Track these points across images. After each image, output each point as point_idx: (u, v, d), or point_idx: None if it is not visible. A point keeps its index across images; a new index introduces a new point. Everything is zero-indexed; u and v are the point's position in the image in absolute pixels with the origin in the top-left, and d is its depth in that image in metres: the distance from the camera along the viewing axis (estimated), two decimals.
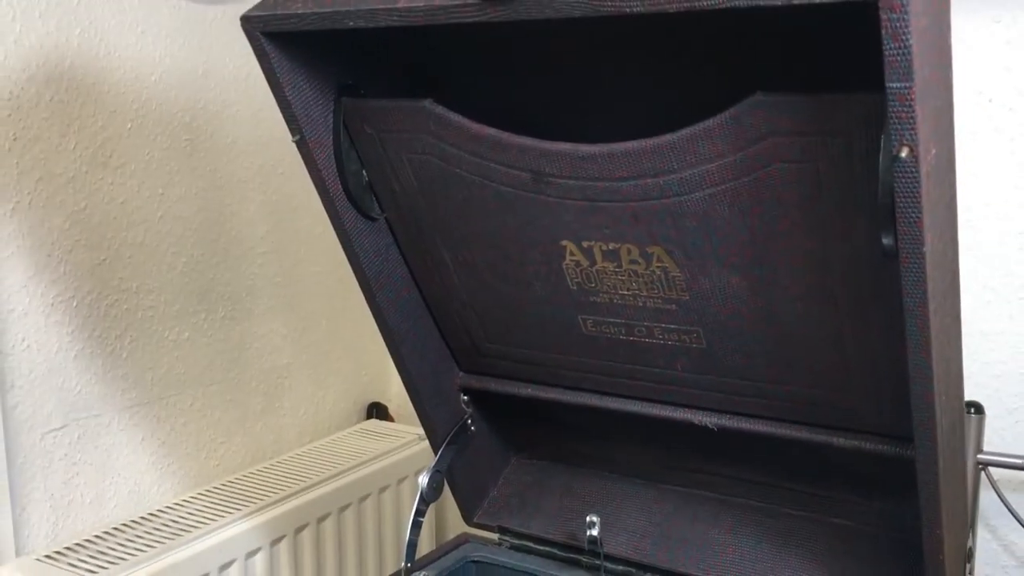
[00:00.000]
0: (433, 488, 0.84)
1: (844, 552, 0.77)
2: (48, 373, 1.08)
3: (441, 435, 0.86)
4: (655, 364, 0.75)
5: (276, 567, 1.19)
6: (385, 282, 0.80)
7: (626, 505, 0.87)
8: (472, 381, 0.87)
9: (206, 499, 1.21)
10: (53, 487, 1.10)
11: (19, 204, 1.04)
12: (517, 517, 0.89)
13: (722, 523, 0.83)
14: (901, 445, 0.68)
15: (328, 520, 1.26)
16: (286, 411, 1.39)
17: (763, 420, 0.74)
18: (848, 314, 0.64)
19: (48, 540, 1.10)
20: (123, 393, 1.16)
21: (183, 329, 1.23)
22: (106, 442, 1.15)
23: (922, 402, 0.59)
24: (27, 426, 1.07)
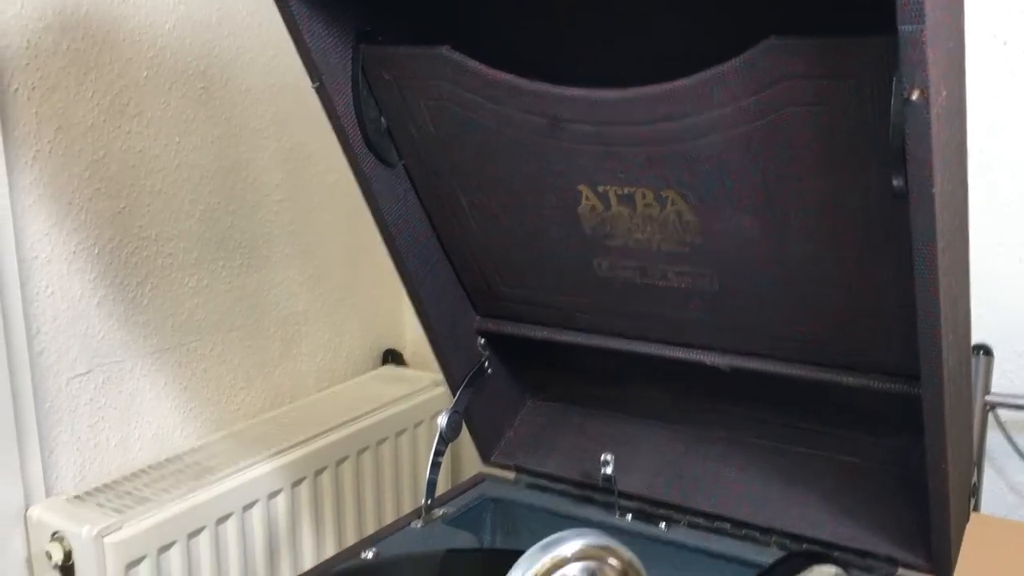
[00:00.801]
0: (452, 428, 0.86)
1: (852, 488, 0.79)
2: (72, 320, 1.10)
3: (459, 377, 0.88)
4: (668, 306, 0.77)
5: (297, 507, 1.23)
6: (403, 227, 0.81)
7: (639, 445, 0.89)
8: (489, 324, 0.89)
9: (228, 442, 1.24)
10: (80, 431, 1.13)
11: (39, 153, 1.05)
12: (533, 457, 0.92)
13: (733, 461, 0.85)
14: (908, 383, 0.70)
15: (346, 463, 1.29)
16: (303, 357, 1.42)
17: (774, 360, 0.76)
18: (858, 255, 0.65)
19: (76, 481, 1.13)
20: (145, 339, 1.19)
21: (202, 276, 1.25)
22: (130, 387, 1.18)
23: (929, 339, 0.61)
24: (53, 371, 1.09)
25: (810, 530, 0.78)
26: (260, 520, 1.18)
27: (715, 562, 0.79)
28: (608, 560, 0.54)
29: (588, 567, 0.54)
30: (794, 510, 0.80)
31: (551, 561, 0.53)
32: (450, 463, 1.45)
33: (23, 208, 1.04)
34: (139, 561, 1.05)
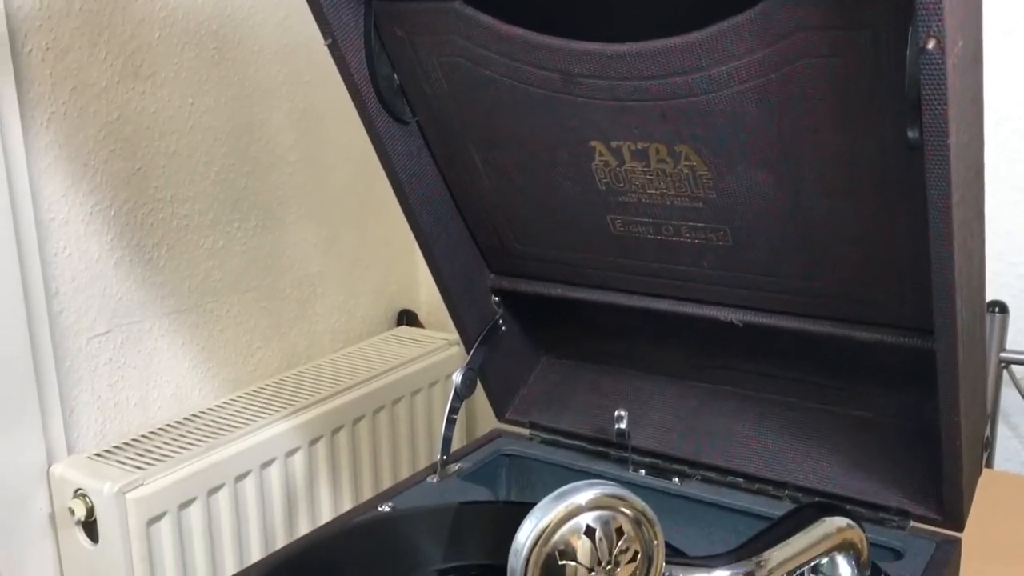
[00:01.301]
0: (466, 385, 0.87)
1: (865, 443, 0.80)
2: (90, 280, 1.11)
3: (473, 335, 0.89)
4: (682, 262, 0.77)
5: (314, 465, 1.24)
6: (417, 184, 0.81)
7: (653, 401, 0.90)
8: (502, 282, 0.89)
9: (246, 401, 1.26)
10: (100, 390, 1.14)
11: (54, 114, 1.05)
12: (547, 413, 0.93)
13: (746, 417, 0.85)
14: (922, 337, 0.70)
15: (363, 422, 1.31)
16: (319, 318, 1.43)
17: (787, 316, 0.76)
18: (873, 209, 0.65)
19: (97, 440, 1.15)
20: (162, 300, 1.20)
21: (217, 238, 1.26)
22: (148, 347, 1.19)
23: (943, 293, 0.61)
24: (72, 331, 1.10)
25: (822, 484, 0.78)
26: (278, 477, 1.20)
27: (728, 515, 0.80)
28: (621, 509, 0.55)
29: (601, 516, 0.54)
30: (807, 464, 0.80)
31: (565, 510, 0.54)
32: (465, 421, 1.46)
33: (40, 170, 1.05)
34: (160, 517, 1.07)
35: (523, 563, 0.53)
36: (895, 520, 0.76)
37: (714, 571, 0.60)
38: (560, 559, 0.54)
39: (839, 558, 0.67)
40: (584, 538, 0.54)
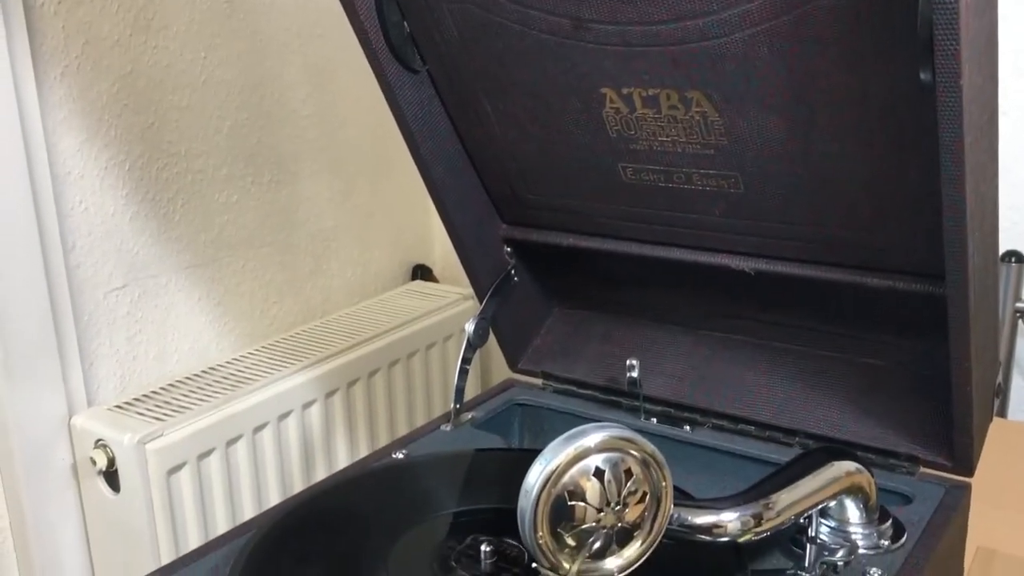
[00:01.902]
0: (479, 335, 0.87)
1: (875, 390, 0.80)
2: (106, 234, 1.12)
3: (485, 285, 0.89)
4: (693, 210, 0.77)
5: (331, 417, 1.26)
6: (428, 134, 0.81)
7: (664, 350, 0.90)
8: (515, 232, 0.89)
9: (262, 355, 1.27)
10: (118, 343, 1.16)
11: (67, 68, 1.06)
12: (560, 363, 0.93)
13: (757, 365, 0.86)
14: (934, 283, 0.69)
15: (378, 375, 1.32)
16: (334, 273, 1.44)
17: (799, 263, 0.76)
18: (885, 153, 0.65)
19: (117, 392, 1.16)
20: (178, 254, 1.21)
21: (232, 192, 1.26)
22: (165, 301, 1.20)
23: (954, 236, 0.60)
24: (90, 285, 1.12)
25: (833, 431, 0.79)
26: (295, 429, 1.21)
27: (738, 462, 0.81)
28: (630, 451, 0.55)
29: (610, 458, 0.55)
30: (817, 412, 0.81)
31: (574, 451, 0.54)
32: (480, 374, 1.47)
33: (54, 124, 1.05)
34: (180, 467, 1.08)
35: (533, 504, 0.54)
36: (905, 466, 0.76)
37: (722, 513, 0.61)
38: (569, 500, 0.55)
39: (847, 501, 0.67)
40: (593, 480, 0.55)
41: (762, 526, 0.61)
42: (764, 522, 0.61)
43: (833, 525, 0.68)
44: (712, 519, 0.61)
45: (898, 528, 0.68)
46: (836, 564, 0.64)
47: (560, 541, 0.55)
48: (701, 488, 0.69)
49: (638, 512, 0.56)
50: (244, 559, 0.63)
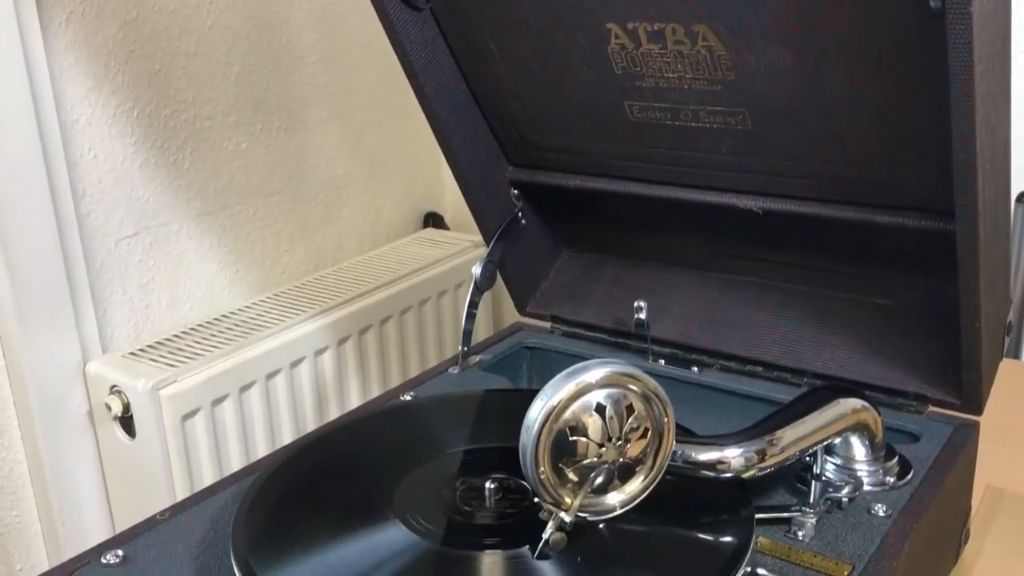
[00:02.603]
0: (486, 278, 0.87)
1: (885, 330, 0.79)
2: (116, 182, 1.12)
3: (492, 228, 0.89)
4: (701, 149, 0.76)
5: (343, 364, 1.26)
6: (432, 73, 0.80)
7: (672, 292, 0.90)
8: (521, 175, 0.89)
9: (274, 302, 1.27)
10: (131, 291, 1.16)
11: (72, 14, 1.05)
12: (568, 306, 0.93)
13: (766, 306, 0.85)
14: (944, 220, 0.69)
15: (390, 322, 1.32)
16: (345, 221, 1.43)
17: (807, 201, 0.75)
18: (894, 85, 0.64)
19: (130, 340, 1.17)
20: (188, 202, 1.21)
21: (241, 140, 1.26)
22: (176, 249, 1.21)
23: (964, 169, 0.59)
24: (101, 233, 1.12)
25: (841, 370, 0.78)
26: (308, 375, 1.22)
27: (746, 403, 0.81)
28: (632, 387, 0.55)
29: (612, 394, 0.55)
30: (825, 352, 0.80)
31: (576, 387, 0.54)
32: (492, 320, 1.47)
33: (60, 71, 1.05)
34: (194, 413, 1.09)
35: (534, 439, 0.54)
36: (913, 405, 0.76)
37: (726, 449, 0.61)
38: (571, 435, 0.55)
39: (853, 439, 0.67)
40: (595, 415, 0.55)
41: (766, 462, 0.61)
42: (768, 458, 0.61)
43: (839, 463, 0.68)
44: (716, 455, 0.61)
45: (904, 466, 0.68)
46: (841, 500, 0.64)
47: (562, 476, 0.55)
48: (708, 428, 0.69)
49: (640, 448, 0.56)
50: (252, 496, 0.63)
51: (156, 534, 0.64)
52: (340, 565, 0.57)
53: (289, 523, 0.61)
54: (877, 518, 0.63)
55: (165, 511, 0.67)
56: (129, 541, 0.64)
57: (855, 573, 0.58)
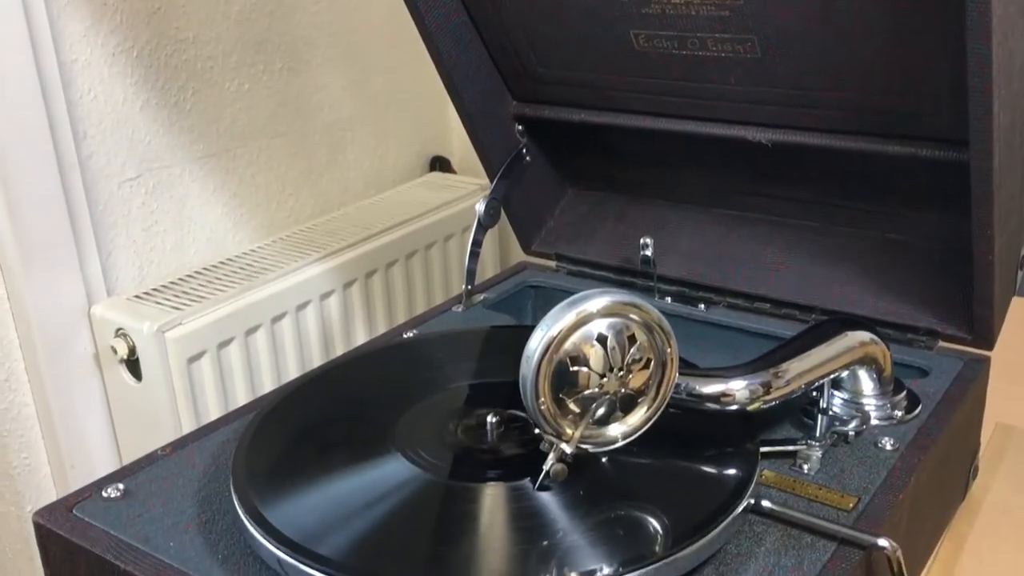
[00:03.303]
0: (489, 215, 0.86)
1: (895, 265, 0.78)
2: (117, 123, 1.11)
3: (496, 165, 0.87)
4: (709, 79, 0.74)
5: (349, 307, 1.26)
6: (433, 4, 0.78)
7: (680, 230, 0.88)
8: (525, 110, 0.87)
9: (280, 246, 1.26)
10: (135, 234, 1.16)
11: None
12: (573, 244, 0.92)
13: (775, 243, 0.84)
14: (958, 150, 0.67)
15: (396, 266, 1.31)
16: (350, 164, 1.42)
17: (817, 132, 0.73)
18: (908, 7, 0.61)
19: (136, 283, 1.17)
20: (191, 144, 1.20)
21: (243, 81, 1.24)
22: (180, 192, 1.20)
23: (978, 92, 0.58)
24: (103, 175, 1.11)
25: (850, 306, 0.77)
26: (314, 319, 1.22)
27: (753, 340, 0.80)
28: (634, 317, 0.54)
29: (614, 324, 0.54)
30: (835, 288, 0.79)
31: (576, 317, 0.53)
32: (499, 262, 1.46)
33: (58, 10, 1.03)
34: (200, 356, 1.09)
35: (534, 370, 0.53)
36: (923, 340, 0.74)
37: (730, 381, 0.60)
38: (571, 366, 0.54)
39: (860, 372, 0.66)
40: (596, 345, 0.54)
41: (771, 395, 0.60)
42: (773, 391, 0.60)
43: (846, 397, 0.67)
44: (720, 388, 0.60)
45: (913, 400, 0.67)
46: (847, 434, 0.63)
47: (563, 408, 0.54)
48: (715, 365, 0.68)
49: (642, 379, 0.55)
50: (252, 430, 0.63)
51: (157, 469, 0.64)
52: (341, 497, 0.57)
53: (289, 457, 0.61)
54: (884, 452, 0.62)
55: (166, 446, 0.66)
56: (130, 475, 0.63)
57: (860, 505, 0.57)
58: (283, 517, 0.54)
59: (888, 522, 0.56)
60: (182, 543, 0.57)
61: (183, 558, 0.55)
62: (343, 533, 0.53)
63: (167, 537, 0.57)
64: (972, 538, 0.70)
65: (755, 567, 0.53)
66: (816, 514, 0.56)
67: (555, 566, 0.50)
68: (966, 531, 0.70)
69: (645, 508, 0.54)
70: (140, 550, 0.56)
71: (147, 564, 0.55)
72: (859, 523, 0.56)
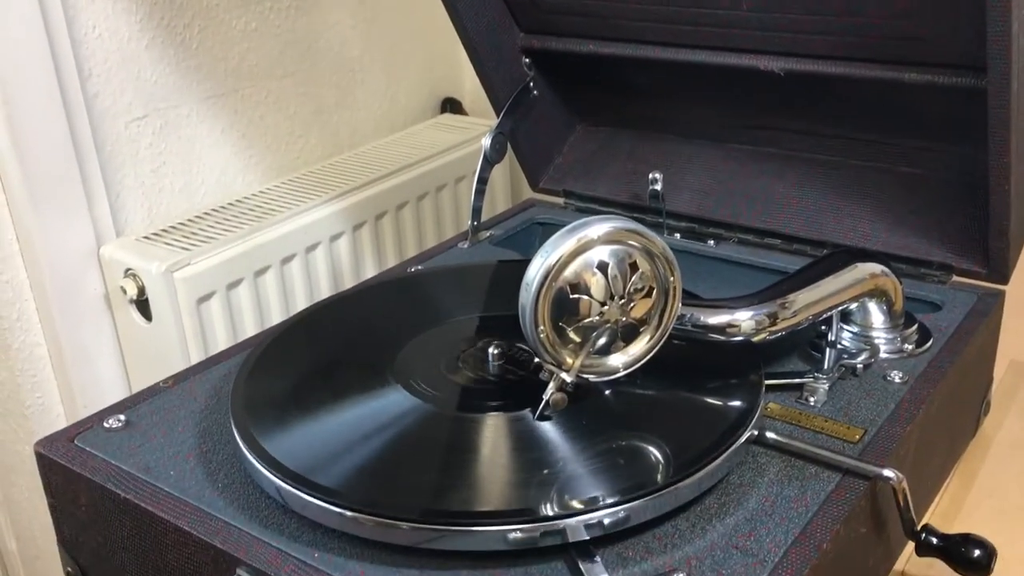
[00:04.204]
0: (496, 150, 0.84)
1: (910, 199, 0.76)
2: (122, 62, 1.10)
3: (503, 98, 0.85)
4: (719, 6, 0.72)
5: (359, 249, 1.25)
6: None
7: (690, 165, 0.86)
8: (532, 41, 0.85)
9: (289, 187, 1.25)
10: (143, 175, 1.15)
11: None
12: (582, 181, 0.90)
13: (787, 178, 0.82)
14: (975, 76, 0.65)
15: (406, 208, 1.30)
16: (360, 105, 1.40)
17: (831, 60, 0.71)
18: None
19: (145, 224, 1.16)
20: (198, 84, 1.18)
21: (250, 19, 1.22)
22: (188, 133, 1.18)
23: (997, 13, 0.55)
24: (110, 114, 1.10)
25: (863, 241, 0.75)
26: (324, 260, 1.21)
27: (763, 275, 0.78)
28: (636, 245, 0.53)
29: (616, 251, 0.53)
30: (847, 223, 0.77)
31: (577, 244, 0.52)
32: (511, 200, 1.45)
33: None
34: (209, 296, 1.09)
35: (533, 297, 0.52)
36: (937, 275, 0.73)
37: (736, 312, 0.59)
38: (572, 294, 0.53)
39: (870, 305, 0.65)
40: (597, 273, 0.53)
41: (777, 325, 0.59)
42: (779, 322, 0.59)
43: (855, 330, 0.66)
44: (726, 318, 0.59)
45: (924, 333, 0.66)
46: (855, 367, 0.62)
47: (563, 336, 0.53)
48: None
49: (645, 308, 0.54)
50: (252, 362, 0.63)
51: (159, 400, 0.64)
52: (341, 428, 0.56)
53: (289, 388, 0.61)
54: (893, 384, 0.61)
55: (168, 379, 0.66)
56: (132, 407, 0.63)
57: (867, 438, 0.56)
58: (282, 447, 0.54)
59: (894, 454, 0.55)
60: (182, 473, 0.57)
61: (183, 487, 0.55)
62: (342, 463, 0.53)
63: (167, 467, 0.57)
64: (982, 474, 0.69)
65: (758, 497, 0.52)
66: (822, 446, 0.55)
67: (555, 495, 0.49)
68: (976, 466, 0.70)
69: (647, 438, 0.54)
70: (140, 479, 0.56)
71: (147, 493, 0.55)
72: (865, 455, 0.55)
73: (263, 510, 0.53)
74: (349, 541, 0.50)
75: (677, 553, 0.49)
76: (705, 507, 0.52)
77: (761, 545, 0.49)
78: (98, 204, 1.10)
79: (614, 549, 0.49)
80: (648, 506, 0.49)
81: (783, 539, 0.49)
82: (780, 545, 0.49)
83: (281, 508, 0.53)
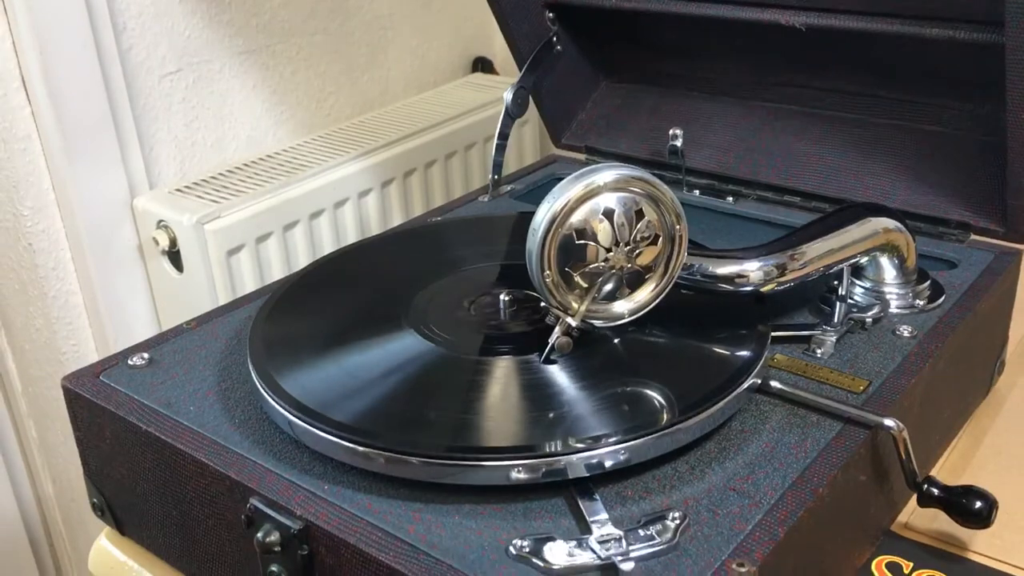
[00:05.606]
0: (517, 104, 0.85)
1: (931, 158, 0.76)
2: (156, 16, 1.11)
3: (526, 53, 0.86)
4: None
5: (387, 205, 1.27)
6: None
7: (712, 122, 0.86)
8: None
9: (319, 143, 1.27)
10: (176, 129, 1.17)
11: None
12: (605, 137, 0.91)
13: (808, 135, 0.82)
14: (996, 31, 0.64)
15: (435, 166, 1.31)
16: (391, 64, 1.41)
17: (853, 15, 0.70)
18: None
19: (177, 177, 1.19)
20: (231, 39, 1.20)
21: None
22: (220, 88, 1.20)
23: None
24: (144, 68, 1.12)
25: (881, 198, 0.75)
26: (352, 216, 1.23)
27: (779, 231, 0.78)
28: (643, 192, 0.54)
29: (622, 198, 0.54)
30: (867, 180, 0.77)
31: (584, 190, 0.53)
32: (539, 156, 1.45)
33: None
34: (239, 249, 1.11)
35: (540, 242, 0.53)
36: (955, 234, 0.73)
37: (745, 262, 0.59)
38: (578, 239, 0.54)
39: (882, 260, 0.65)
40: (604, 219, 0.54)
41: (786, 276, 0.60)
42: (788, 272, 0.60)
43: (867, 286, 0.66)
44: (735, 268, 0.59)
45: (937, 290, 0.66)
46: (865, 321, 0.62)
47: (569, 282, 0.54)
48: None
49: (651, 255, 0.55)
50: (271, 305, 0.65)
51: (182, 340, 0.66)
52: (354, 369, 0.58)
53: (305, 330, 0.62)
54: (901, 339, 0.61)
55: (192, 320, 0.68)
56: (156, 346, 0.66)
57: (871, 389, 0.57)
58: (296, 385, 0.56)
59: (898, 405, 0.56)
60: (201, 408, 0.59)
61: (202, 422, 0.57)
62: (354, 401, 0.55)
63: (187, 403, 0.59)
64: (992, 432, 0.69)
65: (758, 443, 0.53)
66: (825, 395, 0.55)
67: (558, 434, 0.50)
68: (987, 425, 0.70)
69: (651, 383, 0.55)
70: (162, 414, 0.58)
71: (167, 426, 0.57)
72: (867, 404, 0.55)
73: (277, 444, 0.55)
74: (358, 475, 0.52)
75: (675, 494, 0.50)
76: (705, 451, 0.53)
77: (758, 488, 0.50)
78: (132, 157, 1.12)
79: (614, 488, 0.50)
80: (648, 446, 0.50)
81: (780, 483, 0.50)
82: (777, 488, 0.49)
83: (294, 443, 0.55)
